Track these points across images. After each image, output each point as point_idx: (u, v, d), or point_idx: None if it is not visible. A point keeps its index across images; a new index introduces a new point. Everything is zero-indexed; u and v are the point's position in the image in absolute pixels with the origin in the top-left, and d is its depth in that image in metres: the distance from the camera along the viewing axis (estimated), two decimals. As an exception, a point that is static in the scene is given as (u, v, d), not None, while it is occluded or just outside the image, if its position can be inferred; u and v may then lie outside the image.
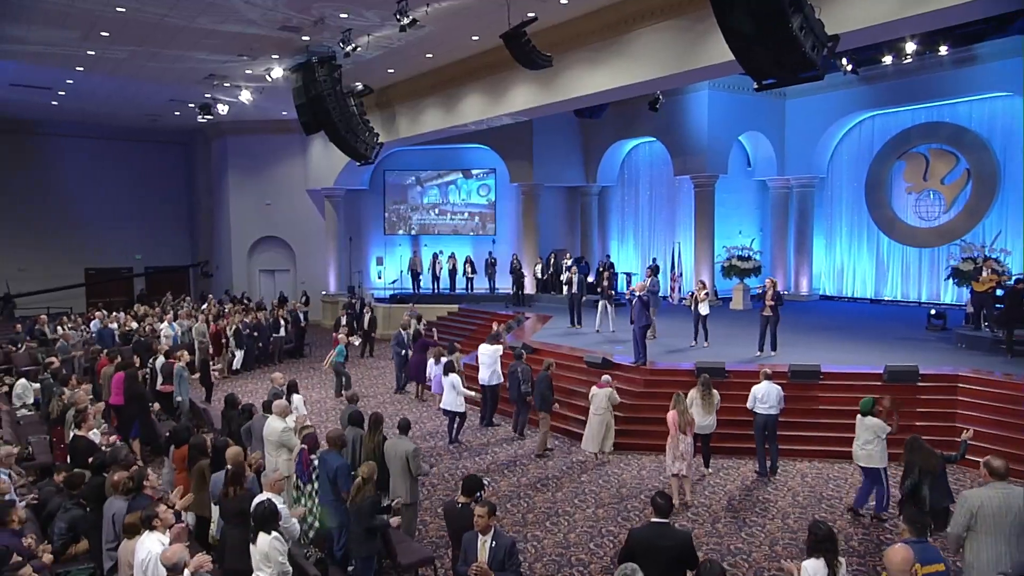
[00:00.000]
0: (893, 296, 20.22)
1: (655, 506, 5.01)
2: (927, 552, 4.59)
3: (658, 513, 4.99)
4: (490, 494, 8.83)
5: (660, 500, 5.01)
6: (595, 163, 23.84)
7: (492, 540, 4.83)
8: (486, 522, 4.84)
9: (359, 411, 7.83)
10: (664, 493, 5.09)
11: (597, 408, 9.88)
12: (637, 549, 4.86)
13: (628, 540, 5.02)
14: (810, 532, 4.69)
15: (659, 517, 4.97)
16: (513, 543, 4.88)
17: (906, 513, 4.86)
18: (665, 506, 4.98)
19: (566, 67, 14.43)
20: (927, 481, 6.71)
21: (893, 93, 19.05)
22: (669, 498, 5.03)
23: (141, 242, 26.87)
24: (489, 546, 4.82)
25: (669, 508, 4.99)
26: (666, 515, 4.97)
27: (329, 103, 15.29)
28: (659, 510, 4.99)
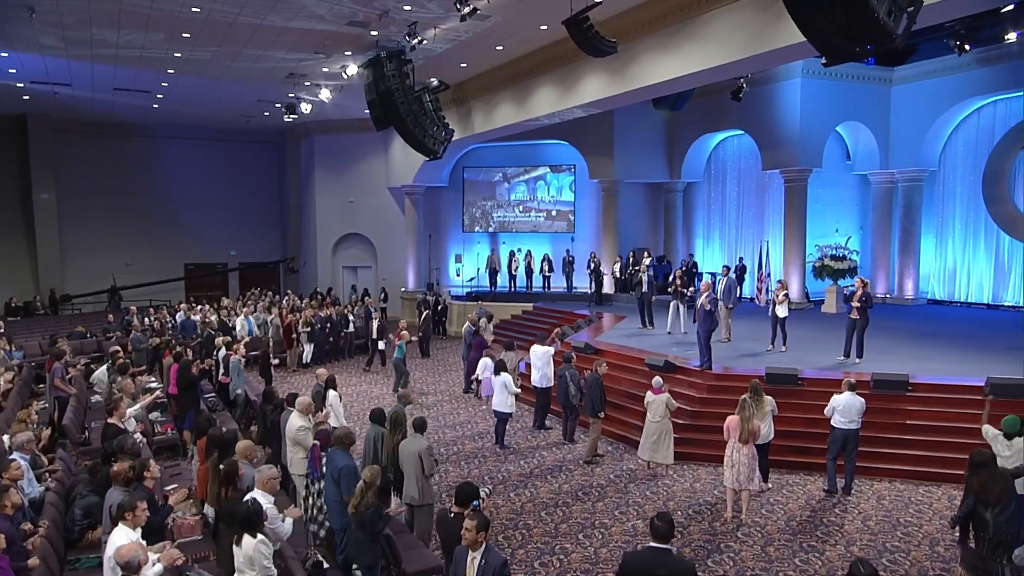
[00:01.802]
0: (1015, 301, 18.08)
1: (653, 529, 4.36)
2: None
3: (656, 537, 4.33)
4: (527, 500, 8.39)
5: (659, 523, 4.34)
6: (679, 158, 22.78)
7: (481, 558, 4.38)
8: (474, 537, 4.38)
9: (381, 409, 7.55)
10: (665, 514, 4.41)
11: (655, 415, 9.18)
12: (632, 573, 4.29)
13: (621, 565, 4.42)
14: (850, 572, 3.97)
15: (658, 542, 4.32)
16: (504, 563, 4.40)
17: (963, 555, 4.01)
18: (664, 529, 4.31)
19: (637, 55, 13.75)
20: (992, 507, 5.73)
21: (1017, 74, 16.99)
22: (670, 520, 4.37)
23: (236, 239, 28.13)
24: (478, 564, 4.36)
25: (670, 532, 4.32)
26: (666, 540, 4.31)
27: (397, 98, 15.30)
28: (657, 534, 4.33)
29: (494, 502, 8.35)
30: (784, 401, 9.83)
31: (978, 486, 6.02)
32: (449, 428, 11.67)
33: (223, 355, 11.50)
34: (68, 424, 8.97)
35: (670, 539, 4.32)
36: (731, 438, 7.80)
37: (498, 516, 7.95)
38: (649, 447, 9.13)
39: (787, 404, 9.81)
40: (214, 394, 11.70)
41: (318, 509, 6.21)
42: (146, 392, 10.04)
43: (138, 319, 15.81)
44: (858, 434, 8.36)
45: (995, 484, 6.02)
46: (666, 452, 9.16)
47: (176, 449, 9.64)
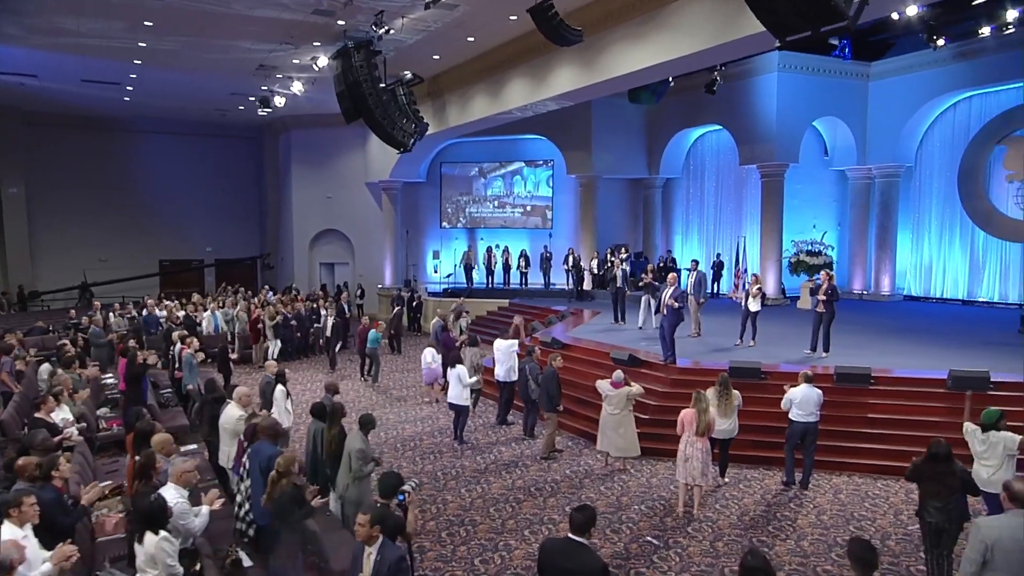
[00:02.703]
0: (989, 297, 18.04)
1: (571, 520, 4.17)
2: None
3: (573, 528, 4.14)
4: (477, 496, 8.19)
5: (577, 514, 4.14)
6: (658, 154, 22.65)
7: (377, 553, 4.16)
8: (367, 532, 4.16)
9: (322, 403, 7.32)
10: (585, 506, 4.22)
11: (614, 408, 8.92)
12: (544, 563, 4.15)
13: (539, 549, 4.28)
14: (741, 563, 3.78)
15: (575, 534, 4.12)
16: (401, 558, 4.18)
17: (850, 547, 3.82)
18: (582, 521, 4.11)
19: (607, 45, 13.58)
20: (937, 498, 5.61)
21: (994, 69, 16.94)
22: (590, 513, 4.16)
23: (212, 235, 27.77)
24: (374, 560, 4.16)
25: (587, 525, 4.12)
26: (583, 532, 4.11)
27: (366, 89, 15.02)
28: (574, 525, 4.13)
29: (443, 498, 8.15)
30: (747, 395, 9.67)
31: (929, 477, 5.88)
32: (410, 424, 11.45)
33: (177, 349, 11.24)
34: (7, 419, 8.68)
35: (587, 532, 4.12)
36: (686, 432, 7.62)
37: (445, 512, 7.74)
38: (609, 440, 8.90)
39: (750, 398, 9.64)
40: (169, 389, 11.43)
41: (246, 505, 5.97)
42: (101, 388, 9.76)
43: (101, 314, 15.48)
44: (816, 427, 8.20)
45: (948, 478, 5.89)
46: (630, 444, 8.92)
47: (122, 445, 9.36)
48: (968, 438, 6.61)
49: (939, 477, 5.83)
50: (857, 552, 3.77)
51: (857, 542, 3.84)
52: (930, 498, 5.82)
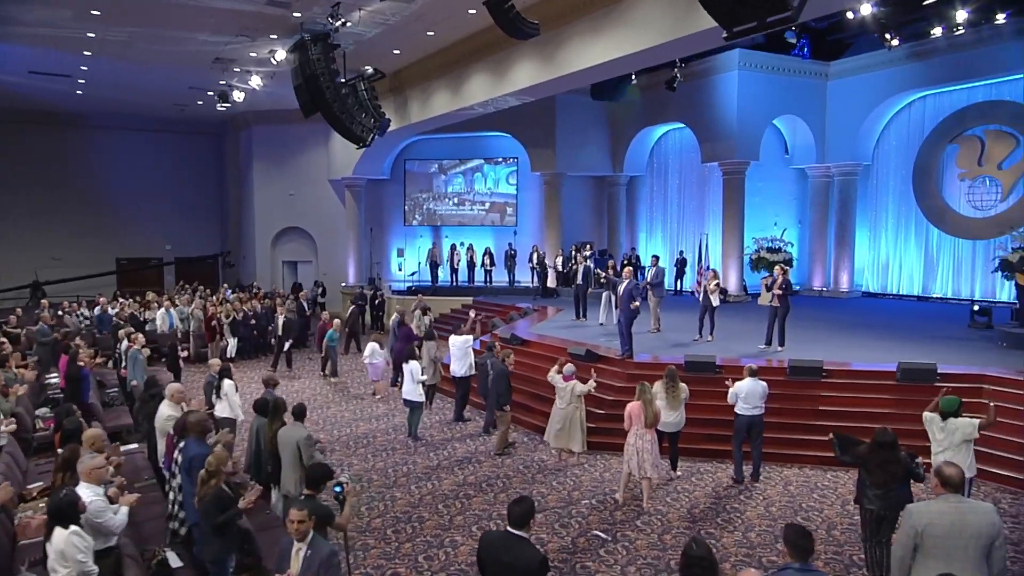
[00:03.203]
0: (943, 293, 18.37)
1: (509, 513, 4.04)
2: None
3: (511, 522, 4.01)
4: (427, 492, 8.05)
5: (515, 508, 4.01)
6: (622, 151, 22.69)
7: (308, 548, 4.02)
8: (297, 528, 4.01)
9: (264, 398, 7.13)
10: (522, 499, 4.09)
11: (562, 401, 8.87)
12: (483, 558, 4.04)
13: (479, 545, 4.16)
14: (684, 552, 3.73)
15: (513, 527, 4.00)
16: (332, 553, 4.05)
17: (786, 533, 3.79)
18: (519, 515, 3.97)
19: (566, 40, 13.54)
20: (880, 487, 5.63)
21: (946, 70, 17.27)
22: (528, 506, 4.03)
23: (172, 232, 27.16)
24: (303, 556, 4.01)
25: (525, 518, 3.99)
26: (521, 526, 3.98)
27: (323, 83, 14.77)
28: (512, 519, 4.00)
29: (392, 495, 8.00)
30: (703, 389, 9.73)
31: (875, 465, 5.90)
32: (364, 421, 11.27)
33: (124, 346, 10.91)
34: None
35: (526, 525, 4.00)
36: (634, 425, 7.58)
37: (393, 509, 7.60)
38: (555, 433, 8.84)
39: (705, 392, 9.70)
40: (116, 388, 11.11)
41: (178, 505, 5.76)
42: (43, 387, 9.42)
43: (49, 312, 14.99)
44: (762, 420, 8.22)
45: (892, 466, 5.92)
46: (576, 439, 8.87)
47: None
48: (928, 426, 6.64)
49: (884, 465, 5.86)
50: (792, 538, 3.73)
51: (792, 528, 3.80)
52: (872, 486, 5.85)
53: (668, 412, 8.05)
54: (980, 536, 3.96)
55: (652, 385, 8.03)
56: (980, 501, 4.10)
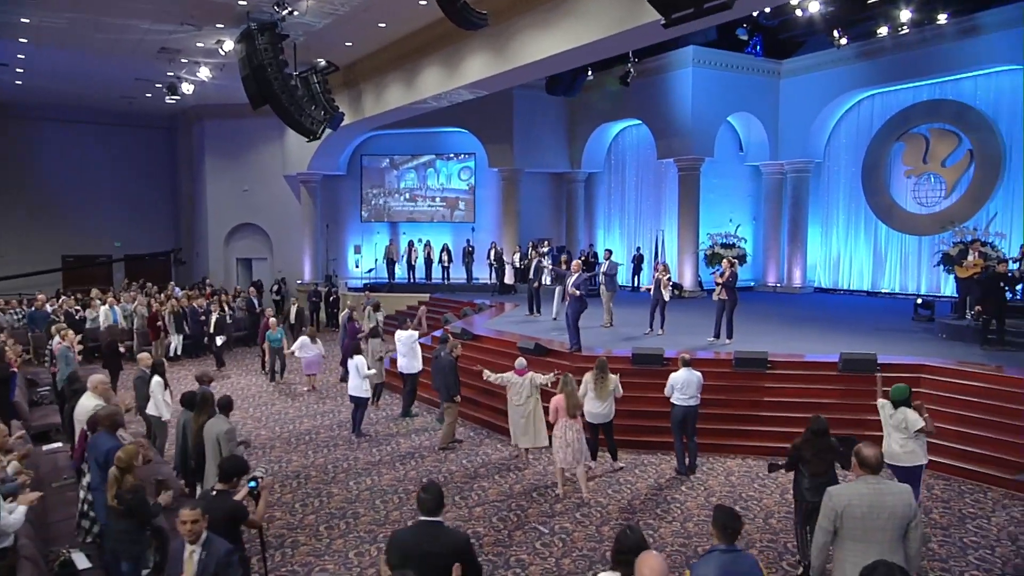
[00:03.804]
0: (891, 288, 18.73)
1: (419, 502, 3.86)
2: (737, 564, 3.48)
3: (424, 510, 3.84)
4: (365, 488, 7.86)
5: (424, 495, 3.84)
6: (580, 148, 22.70)
7: (202, 550, 3.79)
8: (190, 529, 3.77)
9: (192, 392, 6.87)
10: (431, 486, 3.91)
11: (519, 397, 8.68)
12: (397, 555, 3.74)
13: (388, 545, 3.90)
14: (617, 539, 3.64)
15: (426, 516, 3.82)
16: (229, 551, 3.83)
17: (715, 515, 3.74)
18: (431, 502, 3.81)
19: (516, 32, 13.46)
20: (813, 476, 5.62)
21: (893, 69, 17.60)
22: (438, 491, 3.88)
23: (122, 229, 26.34)
24: (197, 558, 3.77)
25: (437, 504, 3.84)
26: (434, 512, 3.82)
27: (271, 74, 14.45)
28: (424, 507, 3.83)
29: (329, 491, 7.80)
30: (649, 382, 9.69)
31: (810, 454, 5.91)
32: (308, 418, 11.02)
33: (55, 344, 10.49)
34: None
35: (439, 511, 3.85)
36: (561, 417, 7.53)
37: (329, 505, 7.40)
38: (522, 434, 8.66)
39: (652, 384, 9.64)
40: (48, 387, 10.68)
41: (88, 503, 5.48)
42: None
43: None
44: (697, 410, 8.21)
45: (827, 454, 5.93)
46: (542, 434, 8.71)
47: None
48: (881, 410, 6.68)
49: (820, 453, 5.87)
50: (721, 519, 3.67)
51: (721, 510, 3.73)
52: (810, 477, 5.83)
53: (596, 403, 8.00)
54: (897, 517, 3.94)
55: (585, 376, 8.04)
56: (896, 482, 4.07)
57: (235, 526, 4.51)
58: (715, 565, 3.46)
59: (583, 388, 8.05)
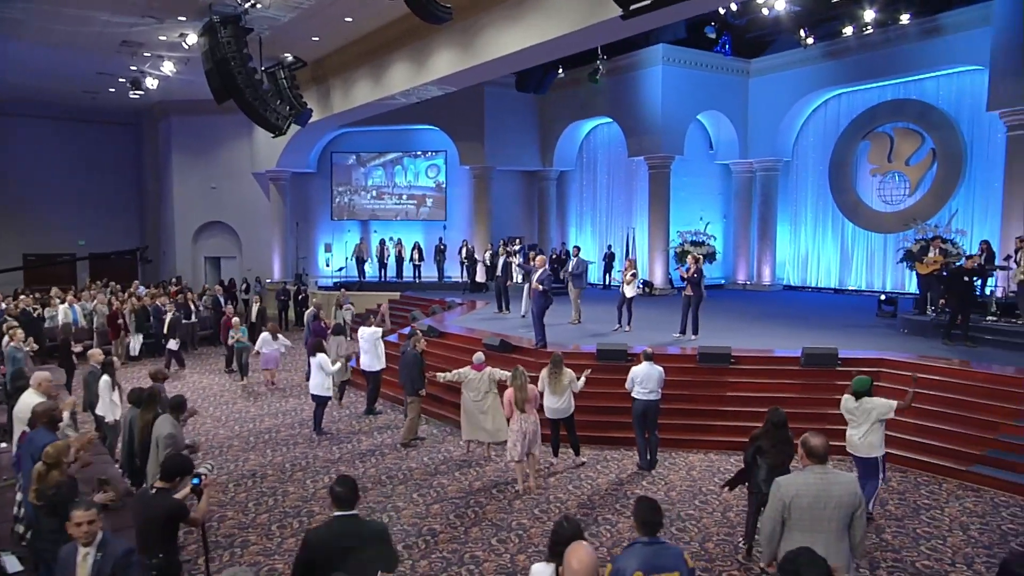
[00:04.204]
0: (857, 286, 18.94)
1: (333, 496, 3.76)
2: (659, 556, 3.42)
3: (338, 504, 3.74)
4: (322, 487, 7.71)
5: (338, 488, 3.75)
6: (551, 146, 22.67)
7: (97, 551, 3.56)
8: (86, 530, 3.54)
9: (140, 389, 6.69)
10: (344, 479, 3.84)
11: (476, 393, 8.60)
12: (317, 556, 3.59)
13: (303, 544, 3.74)
14: (554, 530, 3.57)
15: (341, 509, 3.73)
16: (128, 551, 3.62)
17: (635, 506, 3.68)
18: (345, 495, 3.72)
19: (483, 28, 13.37)
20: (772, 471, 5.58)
21: (859, 69, 17.80)
22: (352, 485, 3.78)
23: (86, 227, 25.79)
24: (92, 560, 3.53)
25: (352, 497, 3.75)
26: (349, 506, 3.72)
27: (234, 67, 14.19)
28: (338, 500, 3.74)
29: (284, 489, 7.64)
30: (613, 377, 9.64)
31: (768, 446, 5.89)
32: (270, 416, 10.83)
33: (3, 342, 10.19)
34: None
35: (354, 504, 3.75)
36: (514, 411, 7.47)
37: (283, 504, 7.25)
38: (476, 425, 8.55)
39: (615, 380, 9.59)
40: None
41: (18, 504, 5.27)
42: None
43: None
44: (658, 405, 8.18)
45: (785, 446, 5.92)
46: (499, 428, 8.59)
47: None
48: (844, 409, 6.71)
49: (778, 445, 5.85)
50: (640, 514, 3.58)
51: (641, 503, 3.65)
52: (768, 468, 5.81)
53: (552, 398, 7.96)
54: (843, 506, 3.92)
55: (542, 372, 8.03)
56: (843, 472, 4.05)
57: (173, 525, 4.35)
58: (637, 557, 3.38)
59: (540, 383, 8.00)
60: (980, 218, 15.93)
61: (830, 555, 3.89)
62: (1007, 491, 7.22)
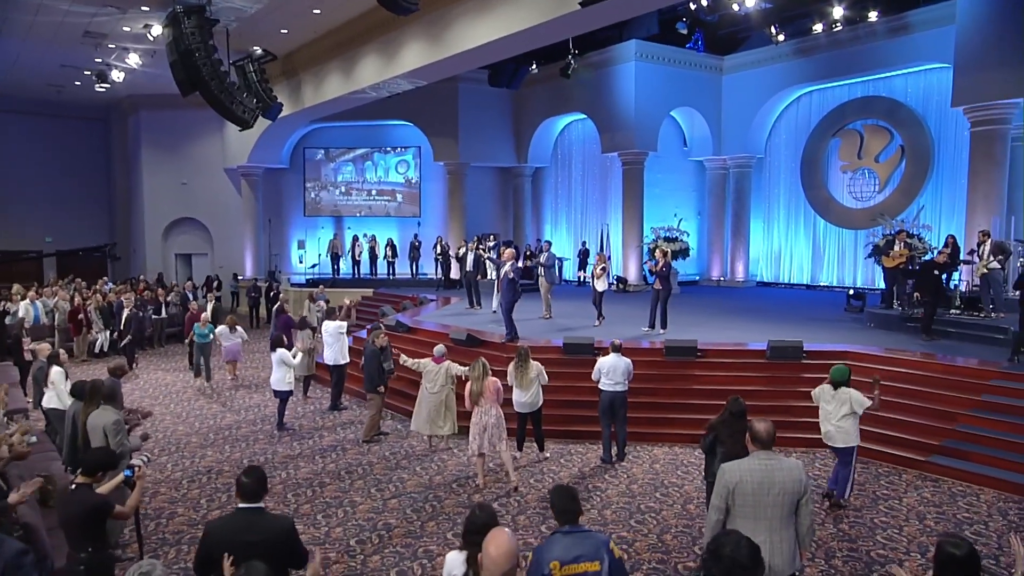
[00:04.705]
0: (829, 282, 19.06)
1: (239, 487, 3.56)
2: (579, 545, 3.33)
3: (243, 496, 3.53)
4: (279, 482, 7.56)
5: (245, 479, 3.55)
6: (526, 142, 22.57)
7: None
8: None
9: (83, 382, 6.49)
10: (252, 469, 3.65)
11: (434, 385, 8.50)
12: (214, 550, 3.40)
13: (203, 536, 3.58)
14: (468, 519, 3.47)
15: (246, 501, 3.53)
16: (19, 552, 3.37)
17: (552, 496, 3.60)
18: (251, 487, 3.51)
19: (452, 20, 13.28)
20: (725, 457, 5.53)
21: (829, 66, 17.89)
22: (259, 475, 3.58)
23: (53, 223, 25.25)
24: None
25: (258, 489, 3.53)
26: (255, 499, 3.52)
27: (199, 59, 13.94)
28: (244, 492, 3.52)
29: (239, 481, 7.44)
30: (580, 371, 9.58)
31: (726, 435, 5.84)
32: (232, 413, 10.63)
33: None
34: None
35: (261, 496, 3.58)
36: (474, 404, 7.38)
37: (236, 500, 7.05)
38: (426, 419, 8.47)
39: (582, 374, 9.53)
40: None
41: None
42: None
43: None
44: (625, 397, 8.12)
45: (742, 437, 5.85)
46: (449, 422, 8.55)
47: None
48: (817, 399, 6.71)
49: (736, 435, 5.79)
50: (557, 503, 3.48)
51: (557, 492, 3.53)
52: (725, 457, 5.75)
53: (519, 392, 7.88)
54: (787, 493, 3.85)
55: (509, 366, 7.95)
56: (789, 458, 3.99)
57: (98, 521, 4.18)
58: (558, 546, 3.29)
59: (508, 377, 7.91)
60: (948, 214, 16.09)
61: (774, 542, 3.87)
62: (964, 480, 7.25)
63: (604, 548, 3.28)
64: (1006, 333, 9.76)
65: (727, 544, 2.74)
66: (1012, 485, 6.96)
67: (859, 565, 5.57)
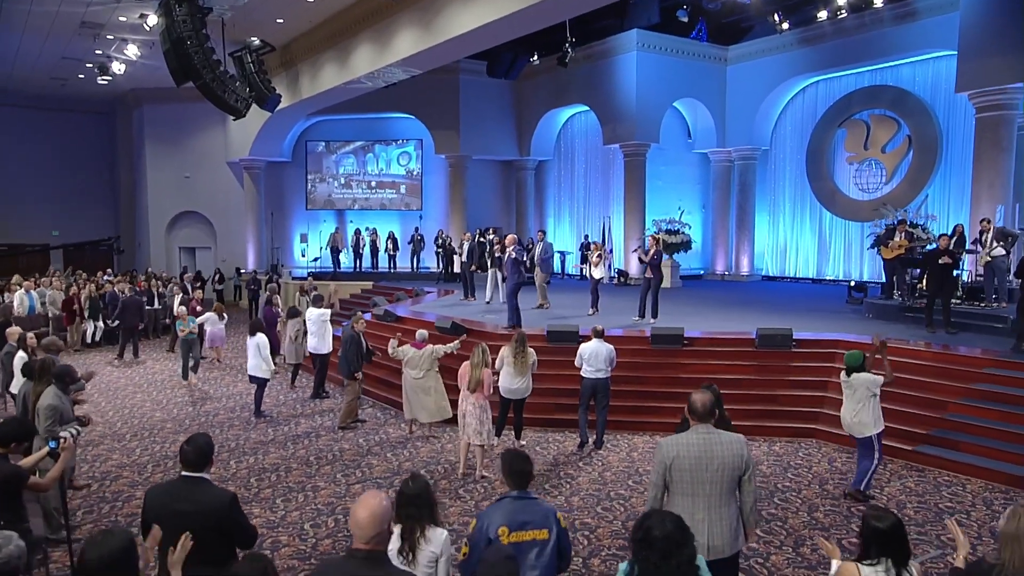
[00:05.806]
0: (835, 275, 18.66)
1: (182, 456, 3.41)
2: (527, 511, 3.14)
3: (186, 465, 3.39)
4: (245, 467, 7.42)
5: (187, 446, 3.40)
6: (528, 135, 22.37)
7: None
8: None
9: (32, 361, 6.38)
10: (197, 435, 3.49)
11: (418, 371, 8.32)
12: (149, 515, 3.29)
13: (144, 503, 3.43)
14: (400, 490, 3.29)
15: (188, 470, 3.39)
16: None
17: (503, 458, 3.41)
18: (193, 455, 3.36)
19: (445, 5, 13.10)
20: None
21: (835, 55, 17.51)
22: (201, 444, 3.42)
23: (60, 217, 25.43)
24: None
25: (199, 460, 3.38)
26: (197, 467, 3.38)
27: (191, 47, 13.88)
28: (186, 461, 3.38)
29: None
30: (560, 359, 9.37)
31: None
32: (211, 400, 10.52)
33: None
34: None
35: (205, 466, 3.42)
36: (461, 389, 7.16)
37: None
38: (420, 405, 8.27)
39: (565, 362, 9.31)
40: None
41: None
42: None
43: None
44: (607, 384, 7.88)
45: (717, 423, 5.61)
46: (441, 407, 8.34)
47: None
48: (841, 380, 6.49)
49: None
50: (509, 464, 3.33)
51: (509, 454, 3.39)
52: None
53: (514, 378, 7.61)
54: (727, 468, 3.61)
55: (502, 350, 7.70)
56: (728, 433, 3.74)
57: (13, 492, 4.03)
58: (503, 511, 3.15)
59: (499, 362, 7.65)
60: (956, 204, 15.67)
61: (713, 520, 3.63)
62: (950, 470, 6.96)
63: (551, 517, 3.19)
64: (1005, 322, 9.40)
65: (653, 527, 2.54)
66: (1000, 475, 6.65)
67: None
